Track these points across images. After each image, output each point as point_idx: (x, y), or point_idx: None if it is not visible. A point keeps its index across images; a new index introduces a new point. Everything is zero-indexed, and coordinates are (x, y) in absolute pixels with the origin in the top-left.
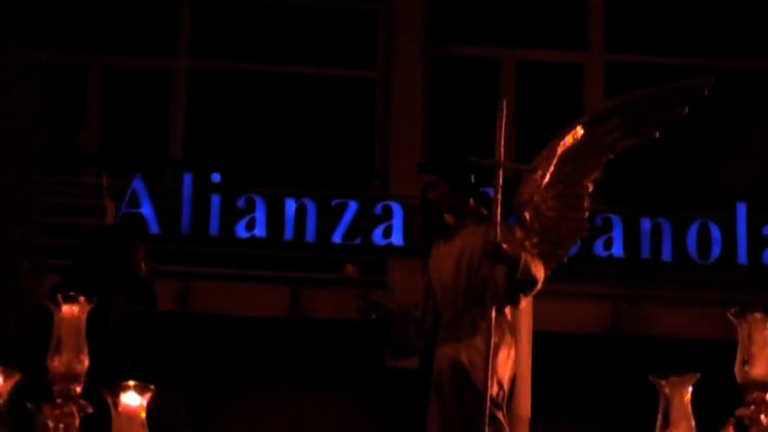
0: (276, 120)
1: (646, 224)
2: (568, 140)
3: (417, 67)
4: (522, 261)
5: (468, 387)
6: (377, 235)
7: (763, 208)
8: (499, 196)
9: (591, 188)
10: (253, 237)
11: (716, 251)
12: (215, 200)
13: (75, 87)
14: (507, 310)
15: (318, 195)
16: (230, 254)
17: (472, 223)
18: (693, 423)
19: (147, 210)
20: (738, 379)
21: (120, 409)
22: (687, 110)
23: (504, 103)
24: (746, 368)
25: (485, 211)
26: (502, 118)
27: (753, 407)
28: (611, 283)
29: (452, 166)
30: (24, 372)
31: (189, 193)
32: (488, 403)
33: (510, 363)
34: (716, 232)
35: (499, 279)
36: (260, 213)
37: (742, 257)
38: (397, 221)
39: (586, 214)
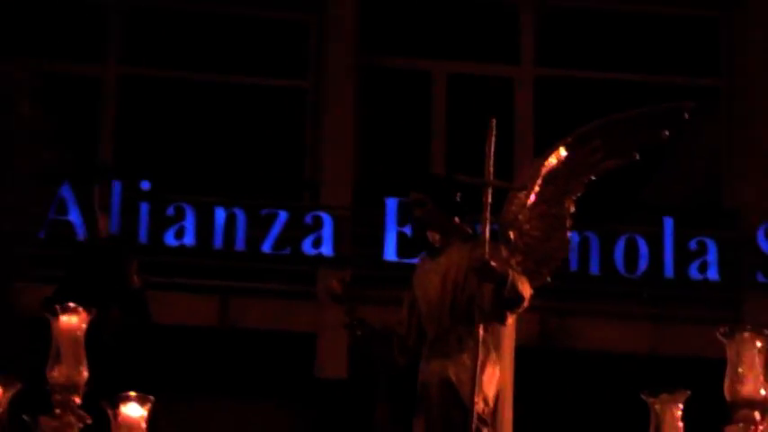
0: (207, 128)
1: (574, 238)
2: (552, 161)
3: (349, 78)
4: (510, 279)
5: (455, 404)
6: (306, 245)
7: (690, 222)
8: (488, 214)
9: (573, 209)
10: (182, 245)
11: (643, 265)
12: (144, 208)
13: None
14: (492, 327)
15: (248, 205)
16: (159, 262)
17: (457, 241)
18: None
19: (74, 217)
20: (728, 397)
21: (120, 420)
22: (667, 133)
23: (494, 122)
24: (736, 386)
25: (470, 230)
26: (491, 136)
27: (741, 424)
28: (539, 297)
29: (439, 184)
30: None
31: (118, 200)
32: (475, 420)
33: (495, 380)
34: (643, 246)
35: (486, 297)
36: (189, 222)
37: (669, 271)
38: (327, 232)
39: (568, 234)
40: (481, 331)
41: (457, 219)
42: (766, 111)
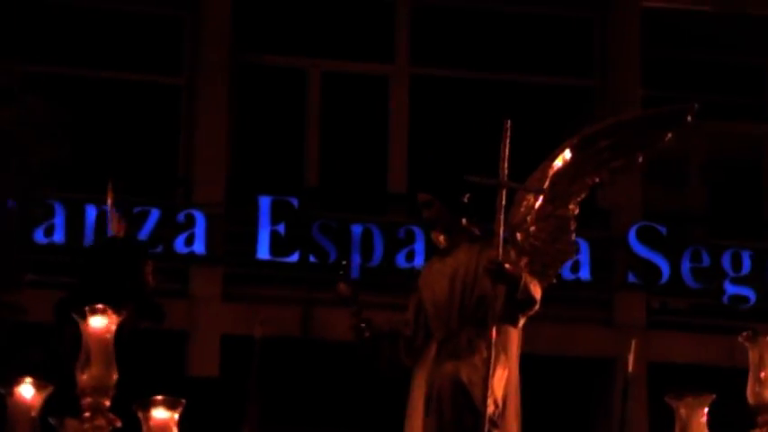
0: (79, 124)
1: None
2: (558, 163)
3: (223, 75)
4: (523, 281)
5: (467, 406)
6: (179, 243)
7: None
8: (501, 216)
9: (577, 211)
10: (51, 243)
11: None
12: (13, 205)
13: None
14: (502, 329)
15: (120, 202)
16: (28, 260)
17: (465, 242)
18: None
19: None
20: (751, 401)
21: (151, 423)
22: (670, 135)
23: (509, 123)
24: (760, 391)
25: (477, 231)
26: (506, 137)
27: (765, 428)
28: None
29: (448, 185)
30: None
31: None
32: (487, 423)
33: (503, 382)
34: None
35: (499, 299)
36: (59, 219)
37: None
38: (200, 230)
39: (573, 236)
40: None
41: (464, 220)
42: (636, 111)
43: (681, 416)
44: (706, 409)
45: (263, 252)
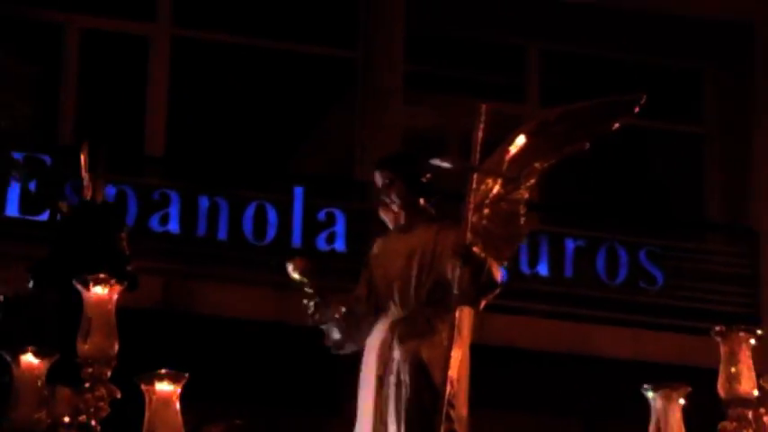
0: None
1: (204, 202)
2: (513, 147)
3: None
4: (488, 265)
5: (427, 384)
6: None
7: (321, 193)
8: (471, 199)
9: (527, 195)
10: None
11: (271, 233)
12: None
13: None
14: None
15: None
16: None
17: (422, 223)
18: None
19: None
20: (723, 395)
21: (155, 396)
22: (618, 124)
23: (484, 108)
24: (732, 384)
25: (433, 212)
26: (480, 122)
27: (735, 423)
28: (165, 259)
29: (412, 164)
30: None
31: None
32: (445, 403)
33: (458, 363)
34: (272, 214)
35: (463, 281)
36: None
37: (296, 241)
38: None
39: (523, 220)
40: (465, 315)
41: (422, 200)
42: (398, 85)
43: (656, 408)
44: (682, 401)
45: (13, 209)
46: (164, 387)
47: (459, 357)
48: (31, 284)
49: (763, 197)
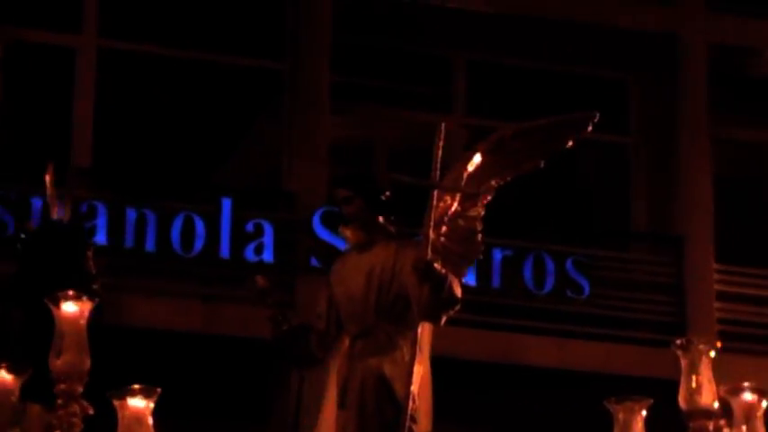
0: None
1: (131, 214)
2: (471, 165)
3: None
4: (448, 281)
5: (389, 399)
6: None
7: (249, 204)
8: (433, 215)
9: (483, 212)
10: None
11: (199, 244)
12: None
13: None
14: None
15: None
16: None
17: (381, 240)
18: None
19: None
20: (684, 407)
21: (127, 412)
22: (572, 143)
23: (444, 125)
24: (693, 397)
25: (393, 229)
26: (440, 139)
27: None
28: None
29: (371, 183)
30: None
31: None
32: (408, 418)
33: (419, 378)
34: (200, 226)
35: (424, 297)
36: None
37: (225, 252)
38: None
39: (480, 237)
40: (425, 331)
41: (381, 218)
42: (324, 96)
43: (619, 420)
44: (644, 413)
45: None
46: (136, 402)
47: (420, 373)
48: None
49: (688, 207)
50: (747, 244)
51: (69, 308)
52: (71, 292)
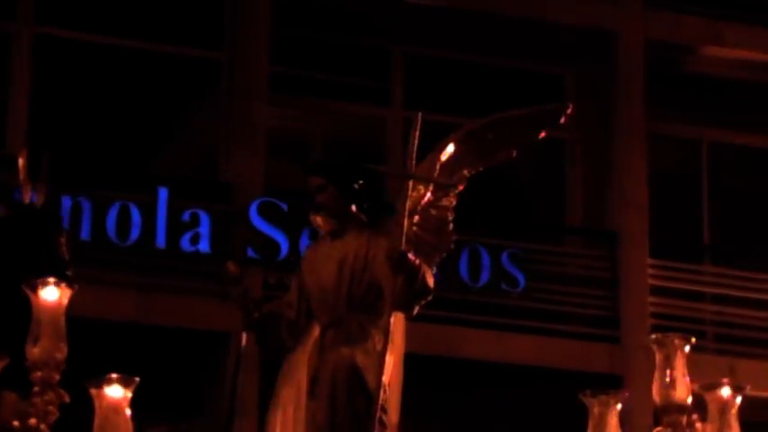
0: None
1: (66, 202)
2: (443, 155)
3: None
4: (422, 271)
5: (361, 389)
6: None
7: (185, 194)
8: (407, 205)
9: (454, 202)
10: None
11: (135, 234)
12: None
13: None
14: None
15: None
16: None
17: (353, 229)
18: None
19: None
20: (658, 401)
21: (104, 402)
22: (543, 134)
23: (420, 115)
24: (667, 391)
25: (364, 218)
26: (416, 130)
27: (670, 429)
28: None
29: (344, 171)
30: None
31: None
32: (378, 408)
33: (390, 368)
34: (136, 215)
35: (397, 287)
36: None
37: (161, 241)
38: None
39: (451, 226)
40: (396, 321)
41: (354, 207)
42: (263, 86)
43: (594, 414)
44: (619, 406)
45: None
46: (113, 392)
47: (391, 363)
48: None
49: (623, 201)
50: (681, 240)
51: (48, 295)
52: (50, 279)
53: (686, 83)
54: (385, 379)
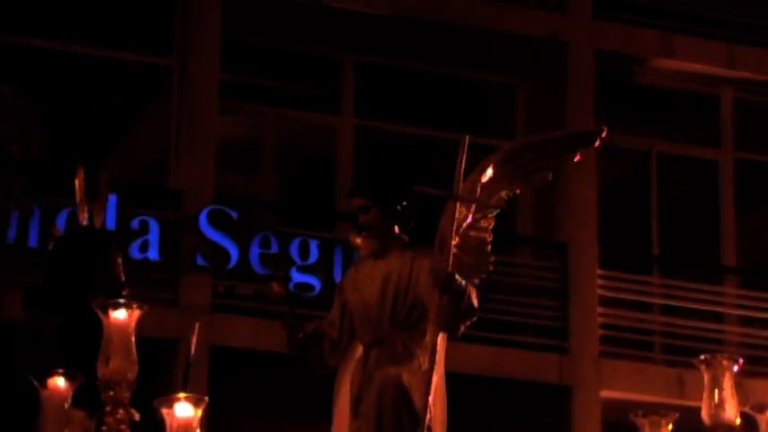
0: None
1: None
2: (484, 177)
3: None
4: (468, 292)
5: (407, 409)
6: None
7: (134, 201)
8: (454, 227)
9: (493, 223)
10: None
11: None
12: None
13: None
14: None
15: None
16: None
17: (396, 249)
18: None
19: None
20: (707, 421)
21: (174, 422)
22: (578, 157)
23: (467, 138)
24: (717, 411)
25: (407, 239)
26: (463, 152)
27: None
28: None
29: (388, 192)
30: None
31: None
32: (425, 428)
33: (434, 388)
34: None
35: (441, 308)
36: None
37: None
38: None
39: (489, 248)
40: (440, 341)
41: (397, 227)
42: (213, 94)
43: None
44: (670, 427)
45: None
46: (184, 411)
47: (436, 383)
48: (25, 309)
49: (573, 212)
50: (630, 250)
51: (118, 315)
52: (121, 300)
53: (636, 94)
54: (431, 399)
